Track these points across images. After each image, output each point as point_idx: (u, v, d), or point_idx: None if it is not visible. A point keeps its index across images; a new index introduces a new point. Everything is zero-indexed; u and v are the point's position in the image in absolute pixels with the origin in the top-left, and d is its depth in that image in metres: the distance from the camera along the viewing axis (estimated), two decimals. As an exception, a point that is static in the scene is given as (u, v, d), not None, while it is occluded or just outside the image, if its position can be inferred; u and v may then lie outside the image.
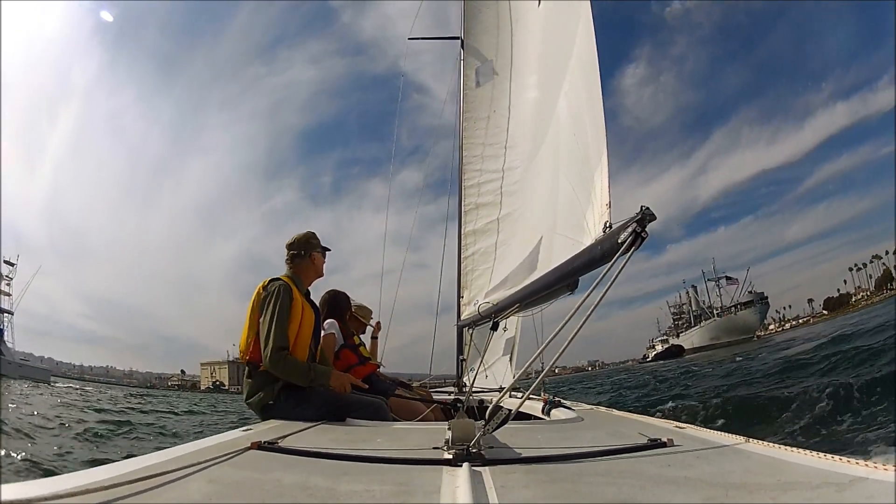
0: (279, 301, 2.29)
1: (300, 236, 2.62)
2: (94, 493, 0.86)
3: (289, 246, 2.59)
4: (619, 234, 1.42)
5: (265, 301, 2.32)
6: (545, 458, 1.29)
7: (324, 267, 2.69)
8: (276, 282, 2.39)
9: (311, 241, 2.62)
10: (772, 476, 1.05)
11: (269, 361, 2.20)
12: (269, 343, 2.21)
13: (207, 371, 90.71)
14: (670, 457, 1.29)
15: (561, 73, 2.47)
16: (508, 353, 5.27)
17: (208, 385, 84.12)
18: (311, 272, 2.63)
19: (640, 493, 0.96)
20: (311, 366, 2.25)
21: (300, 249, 2.57)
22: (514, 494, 0.94)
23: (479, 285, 4.15)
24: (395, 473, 1.12)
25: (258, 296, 2.37)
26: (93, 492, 0.86)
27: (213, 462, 1.15)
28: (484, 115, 4.56)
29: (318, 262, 2.65)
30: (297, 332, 2.33)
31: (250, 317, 2.37)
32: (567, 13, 2.44)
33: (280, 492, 0.97)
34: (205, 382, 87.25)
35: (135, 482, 0.93)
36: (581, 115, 2.16)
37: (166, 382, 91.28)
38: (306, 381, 2.22)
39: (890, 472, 0.98)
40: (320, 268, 2.67)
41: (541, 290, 2.13)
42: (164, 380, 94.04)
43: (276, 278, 2.43)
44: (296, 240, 2.60)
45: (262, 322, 2.29)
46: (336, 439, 1.68)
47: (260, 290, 2.39)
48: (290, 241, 2.60)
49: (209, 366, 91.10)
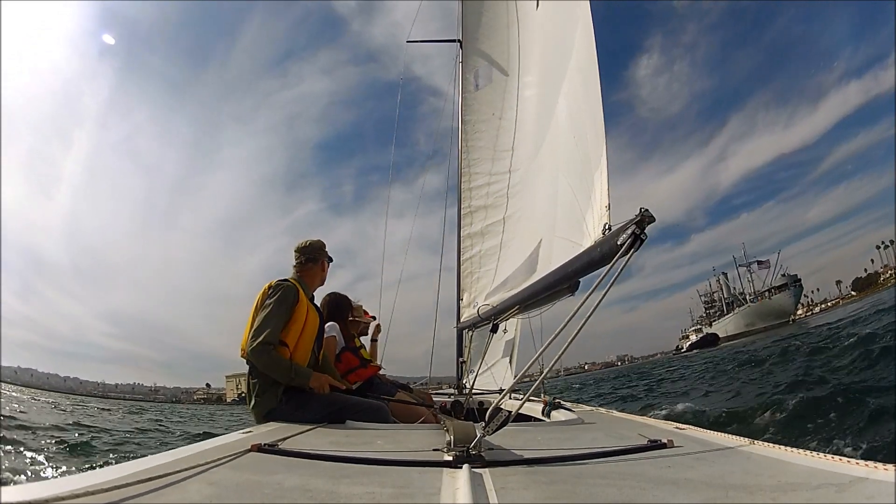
0: (282, 299, 2.30)
1: (312, 242, 2.64)
2: (94, 496, 0.86)
3: (300, 250, 2.60)
4: (618, 236, 1.42)
5: (271, 296, 2.33)
6: (545, 460, 1.29)
7: (325, 273, 2.70)
8: (281, 283, 2.40)
9: (322, 249, 2.65)
10: (772, 477, 1.05)
11: (252, 351, 2.19)
12: (260, 336, 2.20)
13: (233, 383, 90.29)
14: (670, 458, 1.29)
15: (560, 75, 2.47)
16: (508, 355, 5.27)
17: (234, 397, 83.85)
18: (318, 279, 2.65)
19: (641, 494, 0.96)
20: (292, 365, 2.23)
21: (312, 255, 2.60)
22: (514, 496, 0.94)
23: (479, 288, 4.15)
24: (396, 475, 1.12)
25: (263, 294, 2.38)
26: (93, 493, 0.86)
27: (214, 464, 1.15)
28: (483, 117, 4.57)
29: (324, 269, 2.68)
30: (301, 334, 2.33)
31: (253, 315, 2.37)
32: (565, 15, 2.45)
33: (280, 494, 0.97)
34: (230, 395, 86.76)
35: (135, 484, 0.93)
36: (580, 116, 2.16)
37: (192, 396, 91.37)
38: (286, 378, 2.21)
39: (890, 472, 0.98)
40: (325, 276, 2.70)
41: (541, 292, 2.13)
42: (191, 394, 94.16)
43: (283, 280, 2.44)
44: (308, 245, 2.62)
45: (259, 315, 2.29)
46: (336, 441, 1.67)
47: (266, 288, 2.40)
48: (302, 246, 2.62)
49: (234, 378, 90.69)
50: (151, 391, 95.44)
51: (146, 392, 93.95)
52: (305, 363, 2.33)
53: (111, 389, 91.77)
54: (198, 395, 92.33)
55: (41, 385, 68.58)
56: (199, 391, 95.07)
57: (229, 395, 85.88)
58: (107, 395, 72.21)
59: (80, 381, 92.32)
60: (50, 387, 71.11)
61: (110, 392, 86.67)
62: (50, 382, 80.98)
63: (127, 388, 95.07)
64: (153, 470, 1.05)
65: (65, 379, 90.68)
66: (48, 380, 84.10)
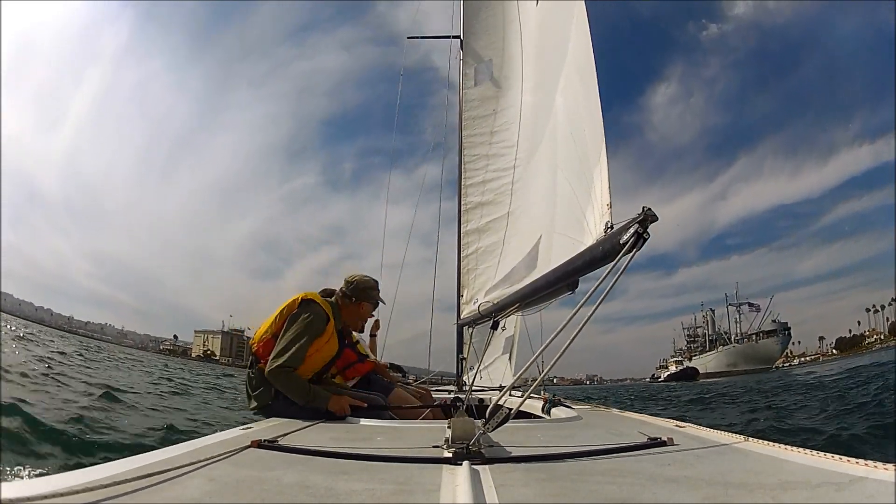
0: (310, 328, 2.30)
1: (362, 282, 2.60)
2: (93, 492, 0.86)
3: (348, 283, 2.59)
4: (620, 235, 1.42)
5: (297, 318, 2.31)
6: (545, 457, 1.29)
7: (367, 316, 2.68)
8: (316, 306, 2.37)
9: (368, 292, 2.60)
10: (772, 475, 1.05)
11: (271, 373, 2.21)
12: (281, 358, 2.21)
13: (201, 339, 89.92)
14: (670, 456, 1.29)
15: (557, 72, 2.47)
16: (507, 352, 5.28)
17: (199, 353, 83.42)
18: (355, 319, 2.63)
19: (640, 491, 0.96)
20: (310, 387, 2.23)
21: (356, 294, 2.57)
22: (513, 493, 0.94)
23: (479, 284, 4.15)
24: (395, 472, 1.12)
25: (291, 308, 2.36)
26: (93, 490, 0.86)
27: (213, 460, 1.15)
28: (482, 114, 4.56)
29: (364, 312, 2.64)
30: (311, 355, 2.33)
31: (276, 319, 2.37)
32: (563, 12, 2.44)
33: (280, 490, 0.97)
34: (196, 350, 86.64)
35: (134, 480, 0.93)
36: (578, 113, 2.16)
37: (159, 346, 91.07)
38: (303, 400, 2.20)
39: (890, 472, 0.98)
40: (364, 316, 2.66)
41: (541, 289, 2.12)
42: (158, 342, 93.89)
43: (317, 302, 2.40)
44: (356, 283, 2.58)
45: (284, 335, 2.29)
46: (336, 438, 1.68)
47: (296, 303, 2.37)
48: (351, 279, 2.59)
49: (203, 334, 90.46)
50: (120, 334, 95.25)
51: (114, 334, 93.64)
52: (307, 378, 2.33)
53: (80, 326, 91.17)
54: (164, 345, 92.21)
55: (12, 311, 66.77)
56: (166, 341, 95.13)
57: (195, 351, 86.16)
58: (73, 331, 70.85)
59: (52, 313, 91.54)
60: (21, 314, 69.61)
61: (79, 328, 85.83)
62: (21, 310, 79.80)
63: (96, 327, 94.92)
64: (152, 466, 1.05)
65: (37, 309, 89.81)
66: (20, 307, 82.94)
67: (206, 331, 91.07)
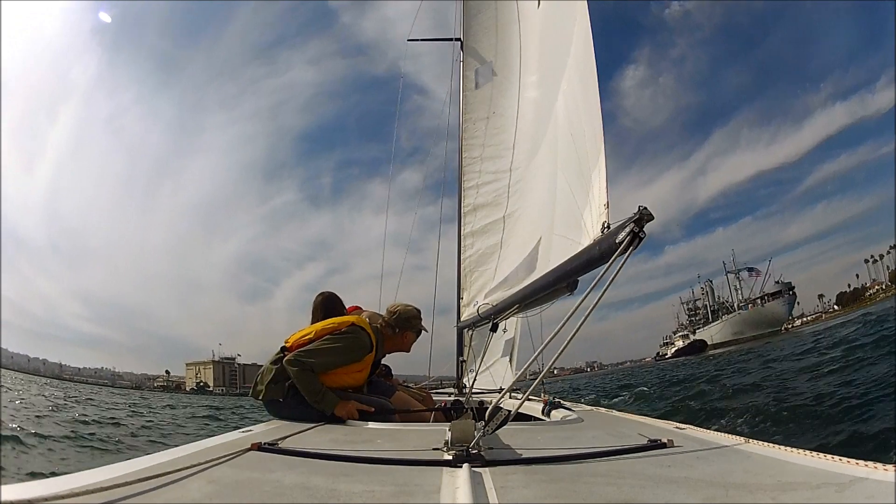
0: (350, 349, 2.30)
1: (405, 311, 2.64)
2: (94, 494, 0.86)
3: (390, 312, 2.62)
4: (616, 235, 1.42)
5: (343, 337, 2.31)
6: (545, 459, 1.29)
7: (410, 346, 2.73)
8: (364, 335, 2.37)
9: (411, 322, 2.65)
10: (772, 476, 1.05)
11: (292, 362, 2.19)
12: (309, 358, 2.20)
13: (192, 371, 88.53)
14: (670, 457, 1.29)
15: (559, 74, 2.48)
16: (508, 355, 5.27)
17: (192, 386, 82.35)
18: (397, 346, 2.67)
19: (641, 493, 0.96)
20: (323, 390, 2.22)
21: (397, 326, 2.61)
22: (514, 495, 0.94)
23: (478, 286, 4.15)
24: (396, 474, 1.12)
25: (338, 327, 2.35)
26: (93, 492, 0.86)
27: (214, 463, 1.15)
28: (483, 116, 4.57)
29: (407, 342, 2.69)
30: (339, 374, 2.32)
31: (318, 331, 2.36)
32: (565, 14, 2.45)
33: (280, 492, 0.97)
34: (189, 383, 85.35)
35: (135, 483, 0.93)
36: (578, 115, 2.16)
37: (153, 383, 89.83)
38: (313, 399, 2.19)
39: (890, 472, 0.98)
40: (408, 346, 2.71)
41: (540, 290, 2.13)
42: (152, 380, 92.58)
43: (367, 332, 2.40)
44: (399, 312, 2.62)
45: (324, 342, 2.28)
46: (336, 440, 1.68)
47: (344, 325, 2.37)
48: (394, 309, 2.63)
49: (194, 366, 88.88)
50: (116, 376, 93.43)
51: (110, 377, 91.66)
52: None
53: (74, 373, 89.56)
54: (158, 381, 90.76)
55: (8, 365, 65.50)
56: (159, 378, 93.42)
57: (188, 384, 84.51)
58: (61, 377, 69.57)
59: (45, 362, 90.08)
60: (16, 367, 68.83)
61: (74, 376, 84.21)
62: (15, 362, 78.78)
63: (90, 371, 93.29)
64: (153, 468, 1.06)
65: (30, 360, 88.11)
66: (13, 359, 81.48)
67: (198, 362, 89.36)
